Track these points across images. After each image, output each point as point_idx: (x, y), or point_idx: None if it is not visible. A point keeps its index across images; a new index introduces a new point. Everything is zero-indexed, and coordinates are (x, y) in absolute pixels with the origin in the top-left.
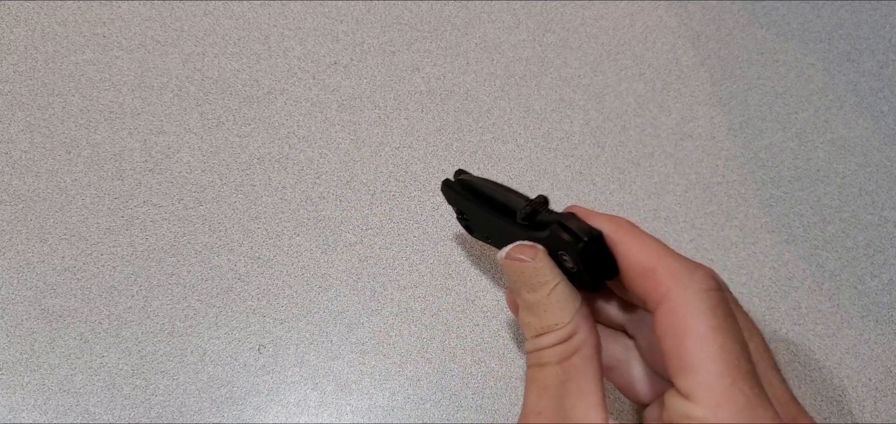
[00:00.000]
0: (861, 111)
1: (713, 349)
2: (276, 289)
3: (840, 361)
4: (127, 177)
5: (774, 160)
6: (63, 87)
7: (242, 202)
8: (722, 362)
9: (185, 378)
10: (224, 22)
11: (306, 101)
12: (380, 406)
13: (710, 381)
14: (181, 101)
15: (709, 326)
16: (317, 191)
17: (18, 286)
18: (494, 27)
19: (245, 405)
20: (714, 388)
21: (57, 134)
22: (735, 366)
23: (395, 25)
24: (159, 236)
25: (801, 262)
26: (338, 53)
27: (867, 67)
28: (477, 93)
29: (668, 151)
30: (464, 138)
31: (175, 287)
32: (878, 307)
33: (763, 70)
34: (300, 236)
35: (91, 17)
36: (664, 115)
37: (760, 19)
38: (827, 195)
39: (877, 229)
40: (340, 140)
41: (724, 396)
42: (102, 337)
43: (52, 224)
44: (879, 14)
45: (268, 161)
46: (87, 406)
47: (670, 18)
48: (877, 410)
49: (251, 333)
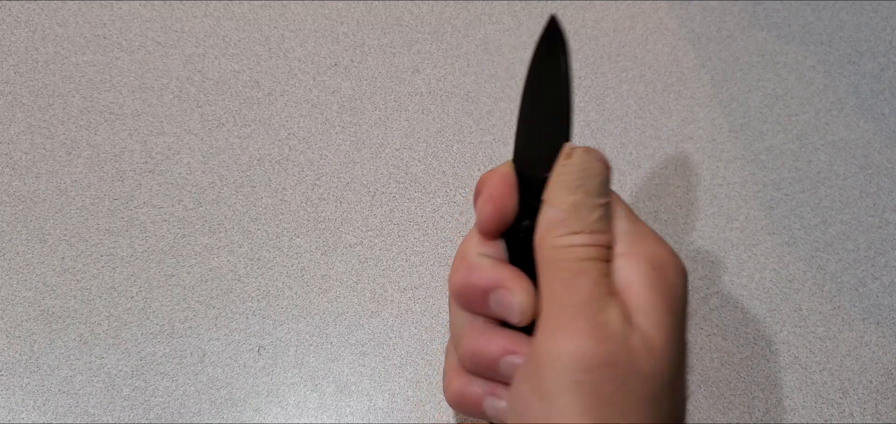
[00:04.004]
0: (862, 113)
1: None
2: (276, 290)
3: (841, 363)
4: (127, 178)
5: (775, 162)
6: (63, 88)
7: (242, 204)
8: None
9: (185, 380)
10: (224, 23)
11: (306, 102)
12: (379, 408)
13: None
14: (181, 102)
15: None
16: (317, 192)
17: (18, 286)
18: (495, 28)
19: (244, 406)
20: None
21: (57, 135)
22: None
23: (396, 27)
24: (159, 237)
25: (801, 264)
26: (338, 55)
27: (868, 69)
28: (477, 94)
29: (669, 153)
30: (464, 140)
31: (175, 288)
32: (878, 310)
33: (764, 72)
34: (300, 237)
35: (91, 18)
36: (664, 116)
37: (761, 21)
38: (828, 197)
39: (878, 232)
40: (341, 142)
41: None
42: (102, 338)
43: (51, 225)
44: (880, 16)
45: (268, 162)
46: (87, 407)
47: (671, 20)
48: (878, 412)
49: (251, 334)
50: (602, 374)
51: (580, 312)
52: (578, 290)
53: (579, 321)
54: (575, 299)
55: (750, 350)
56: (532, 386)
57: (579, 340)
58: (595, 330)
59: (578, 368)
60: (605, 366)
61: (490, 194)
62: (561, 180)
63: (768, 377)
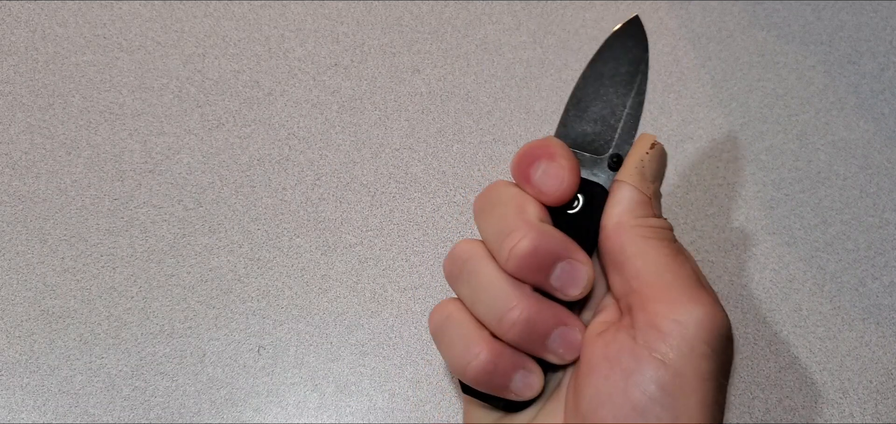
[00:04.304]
0: (862, 113)
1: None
2: (276, 290)
3: (841, 363)
4: (127, 178)
5: (775, 162)
6: (63, 88)
7: (242, 204)
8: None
9: (185, 380)
10: (224, 23)
11: (306, 102)
12: (380, 408)
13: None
14: (181, 102)
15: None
16: (317, 192)
17: (18, 286)
18: (495, 29)
19: (244, 406)
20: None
21: (57, 135)
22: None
23: (396, 27)
24: (159, 237)
25: (801, 264)
26: (338, 55)
27: (868, 69)
28: (477, 94)
29: (669, 153)
30: (464, 140)
31: (175, 288)
32: (879, 310)
33: (764, 72)
34: (300, 237)
35: (91, 18)
36: (665, 116)
37: (761, 21)
38: (828, 197)
39: (878, 232)
40: (341, 142)
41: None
42: (102, 338)
43: (52, 225)
44: (880, 16)
45: (268, 162)
46: (87, 407)
47: (671, 20)
48: (878, 412)
49: (251, 334)
50: (724, 342)
51: (697, 284)
52: (685, 265)
53: (701, 292)
54: (686, 271)
55: (750, 350)
56: (639, 358)
57: (707, 308)
58: (717, 301)
59: (713, 335)
60: (726, 336)
61: (566, 161)
62: (644, 168)
63: (768, 377)
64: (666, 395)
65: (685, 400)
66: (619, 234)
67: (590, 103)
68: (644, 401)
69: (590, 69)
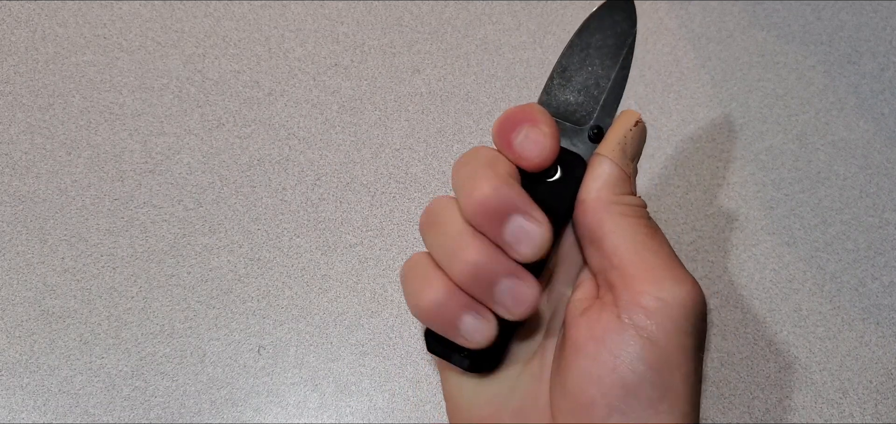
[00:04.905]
0: (862, 113)
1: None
2: (276, 290)
3: (841, 363)
4: (127, 178)
5: (775, 162)
6: (64, 88)
7: (242, 204)
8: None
9: (185, 380)
10: (225, 23)
11: (307, 102)
12: (380, 408)
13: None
14: (181, 102)
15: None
16: (317, 192)
17: (18, 287)
18: (495, 29)
19: (244, 406)
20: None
21: (57, 135)
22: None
23: (396, 27)
24: (159, 237)
25: (801, 264)
26: (338, 55)
27: (868, 70)
28: (477, 94)
29: (669, 153)
30: (464, 140)
31: (175, 289)
32: (878, 310)
33: (764, 72)
34: (300, 237)
35: (92, 18)
36: (665, 116)
37: (761, 21)
38: (827, 197)
39: (877, 232)
40: (341, 142)
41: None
42: (102, 338)
43: (52, 225)
44: (880, 16)
45: (268, 163)
46: (87, 407)
47: (671, 20)
48: (877, 412)
49: (251, 334)
50: (703, 319)
51: (676, 263)
52: (664, 244)
53: (681, 271)
54: (666, 250)
55: (750, 350)
56: (626, 336)
57: (688, 286)
58: (694, 281)
59: (694, 313)
60: (704, 313)
61: (547, 128)
62: (626, 145)
63: (768, 377)
64: (653, 371)
65: (671, 375)
66: (597, 209)
67: (574, 73)
68: (633, 379)
69: (578, 38)
